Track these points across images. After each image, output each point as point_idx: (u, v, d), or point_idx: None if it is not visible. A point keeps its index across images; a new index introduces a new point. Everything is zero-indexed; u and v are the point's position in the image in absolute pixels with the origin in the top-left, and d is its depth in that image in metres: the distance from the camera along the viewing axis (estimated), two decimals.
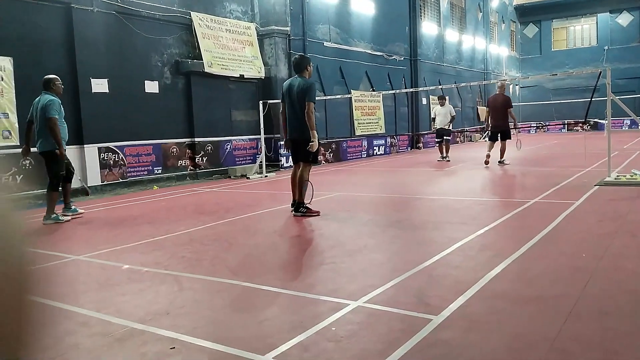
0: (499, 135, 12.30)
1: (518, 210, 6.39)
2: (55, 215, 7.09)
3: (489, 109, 12.53)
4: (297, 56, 6.96)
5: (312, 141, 6.49)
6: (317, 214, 6.61)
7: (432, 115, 15.33)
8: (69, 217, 7.26)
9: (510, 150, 12.70)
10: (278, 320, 3.09)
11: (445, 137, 14.68)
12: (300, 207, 6.64)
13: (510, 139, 12.57)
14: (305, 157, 6.73)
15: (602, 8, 32.91)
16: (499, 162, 12.31)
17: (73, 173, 7.60)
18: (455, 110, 15.27)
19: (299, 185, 6.66)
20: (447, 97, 15.63)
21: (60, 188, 7.21)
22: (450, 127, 14.94)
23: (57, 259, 4.96)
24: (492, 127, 12.48)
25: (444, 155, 14.57)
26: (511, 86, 33.23)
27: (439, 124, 14.62)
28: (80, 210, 7.59)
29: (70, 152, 9.88)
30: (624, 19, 32.60)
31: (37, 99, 7.11)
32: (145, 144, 11.54)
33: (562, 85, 32.98)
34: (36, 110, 7.01)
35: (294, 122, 6.65)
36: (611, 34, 32.75)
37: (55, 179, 7.10)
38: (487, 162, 12.11)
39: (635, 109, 23.26)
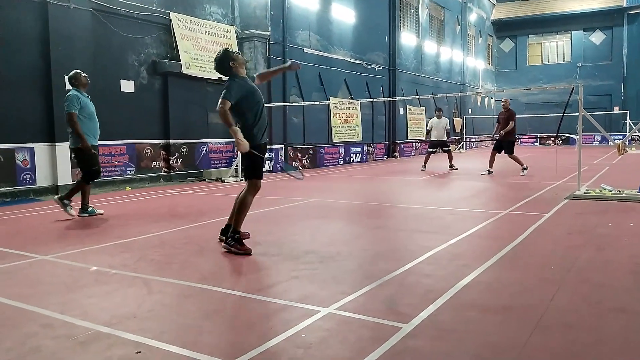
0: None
1: (490, 221, 6.47)
2: (91, 208, 7.30)
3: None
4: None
5: (239, 142, 4.71)
6: (247, 253, 4.81)
7: (428, 127, 15.38)
8: (86, 214, 7.23)
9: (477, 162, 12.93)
10: (247, 326, 3.06)
11: (444, 149, 15.14)
12: (228, 239, 4.93)
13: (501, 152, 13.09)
14: (246, 173, 5.09)
15: (577, 26, 33.78)
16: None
17: (99, 174, 7.44)
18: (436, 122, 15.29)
19: (235, 208, 5.07)
20: (442, 109, 15.79)
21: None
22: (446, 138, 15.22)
23: (23, 258, 4.83)
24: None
25: (425, 165, 14.71)
26: (486, 99, 33.80)
27: (435, 137, 14.80)
28: (98, 212, 7.40)
29: (42, 151, 9.74)
30: (597, 37, 33.50)
31: None
32: (119, 144, 11.35)
33: (536, 100, 33.71)
34: None
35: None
36: (584, 52, 33.62)
37: (87, 174, 7.18)
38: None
39: (605, 125, 23.94)
